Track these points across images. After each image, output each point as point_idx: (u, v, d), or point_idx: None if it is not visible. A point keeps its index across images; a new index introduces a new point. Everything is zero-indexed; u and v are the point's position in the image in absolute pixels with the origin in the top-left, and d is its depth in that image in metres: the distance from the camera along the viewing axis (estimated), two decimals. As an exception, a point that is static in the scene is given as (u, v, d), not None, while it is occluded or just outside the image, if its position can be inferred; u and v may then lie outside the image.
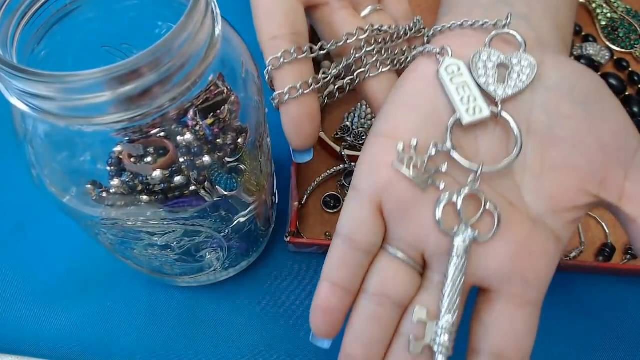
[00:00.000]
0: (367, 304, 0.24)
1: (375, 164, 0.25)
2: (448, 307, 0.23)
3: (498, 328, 0.23)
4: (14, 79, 0.18)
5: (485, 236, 0.23)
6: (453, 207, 0.24)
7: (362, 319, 0.24)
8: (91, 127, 0.19)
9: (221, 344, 0.33)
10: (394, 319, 0.24)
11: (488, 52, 0.25)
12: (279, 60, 0.26)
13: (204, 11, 0.20)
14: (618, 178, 0.24)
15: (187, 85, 0.20)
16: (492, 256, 0.24)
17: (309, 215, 0.37)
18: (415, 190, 0.24)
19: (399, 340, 0.24)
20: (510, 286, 0.23)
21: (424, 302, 0.24)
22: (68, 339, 0.33)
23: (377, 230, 0.25)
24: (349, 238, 0.24)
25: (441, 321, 0.23)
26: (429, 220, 0.24)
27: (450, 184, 0.24)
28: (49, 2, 0.21)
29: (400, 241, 0.24)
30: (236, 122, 0.24)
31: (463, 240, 0.23)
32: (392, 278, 0.24)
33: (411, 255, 0.24)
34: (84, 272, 0.35)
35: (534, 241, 0.24)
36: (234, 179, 0.25)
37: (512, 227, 0.24)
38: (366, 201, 0.24)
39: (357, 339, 0.24)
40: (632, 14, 0.46)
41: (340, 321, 0.24)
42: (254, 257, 0.35)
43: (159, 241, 0.26)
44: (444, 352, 0.23)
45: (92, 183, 0.23)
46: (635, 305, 0.34)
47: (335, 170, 0.38)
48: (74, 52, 0.24)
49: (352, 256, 0.24)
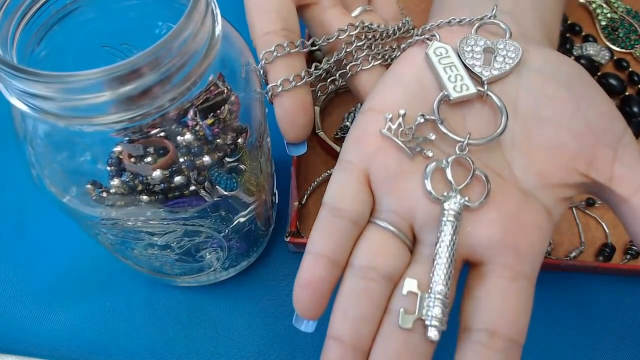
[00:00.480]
0: (355, 279, 0.22)
1: (363, 135, 0.25)
2: (440, 277, 0.22)
3: (490, 303, 0.22)
4: (14, 79, 0.18)
5: (475, 202, 0.23)
6: (442, 174, 0.23)
7: (350, 295, 0.22)
8: (91, 127, 0.19)
9: (221, 344, 0.33)
10: (384, 294, 0.22)
11: (475, 38, 0.26)
12: (272, 54, 0.27)
13: (204, 11, 0.20)
14: (607, 159, 0.24)
15: (187, 85, 0.20)
16: (483, 225, 0.23)
17: (309, 215, 0.37)
18: (403, 158, 0.24)
19: (389, 316, 0.22)
20: (502, 257, 0.22)
21: (414, 274, 0.22)
22: (68, 339, 0.33)
23: (365, 200, 0.24)
24: (335, 207, 0.23)
25: (433, 292, 0.22)
26: (418, 189, 0.23)
27: (439, 155, 0.24)
28: (49, 2, 0.21)
29: (389, 212, 0.23)
30: (236, 122, 0.24)
31: (453, 204, 0.22)
32: (381, 250, 0.23)
33: (400, 227, 0.23)
34: (84, 272, 0.35)
35: (526, 212, 0.23)
36: (234, 179, 0.25)
37: (503, 197, 0.23)
38: (353, 171, 0.24)
39: (345, 316, 0.22)
40: (632, 14, 0.46)
41: (326, 297, 0.22)
42: (254, 257, 0.35)
43: (159, 241, 0.26)
44: (437, 325, 0.21)
45: (92, 183, 0.23)
46: (635, 305, 0.34)
47: (335, 170, 0.38)
48: (74, 52, 0.24)
49: (337, 225, 0.23)
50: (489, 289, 0.22)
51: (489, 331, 0.22)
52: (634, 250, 0.35)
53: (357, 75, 0.29)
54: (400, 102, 0.25)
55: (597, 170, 0.24)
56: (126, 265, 0.32)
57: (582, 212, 0.37)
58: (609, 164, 0.24)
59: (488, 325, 0.22)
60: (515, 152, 0.25)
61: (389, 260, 0.23)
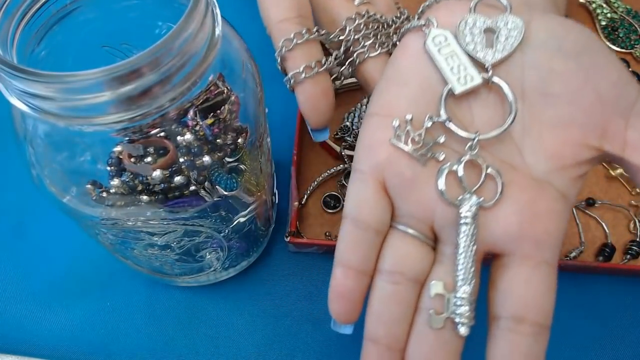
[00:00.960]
0: (384, 284, 0.24)
1: (373, 143, 0.25)
2: (464, 278, 0.23)
3: (515, 291, 0.23)
4: (14, 79, 0.18)
5: (490, 202, 0.23)
6: (455, 176, 0.24)
7: (381, 299, 0.24)
8: (91, 127, 0.19)
9: (221, 344, 0.33)
10: (413, 295, 0.24)
11: (473, 18, 0.25)
12: (292, 41, 0.26)
13: (204, 11, 0.20)
14: (619, 128, 0.24)
15: (187, 85, 0.20)
16: (499, 220, 0.23)
17: (309, 215, 0.37)
18: (415, 164, 0.24)
19: (420, 315, 0.24)
20: (522, 247, 0.23)
21: (439, 276, 0.24)
22: (68, 339, 0.33)
23: (384, 208, 0.25)
24: (356, 219, 0.24)
25: (459, 292, 0.23)
26: (433, 193, 0.24)
27: (450, 155, 0.24)
28: (49, 2, 0.21)
29: (409, 217, 0.24)
30: (236, 122, 0.24)
31: (469, 208, 0.23)
32: (406, 255, 0.24)
33: (421, 229, 0.24)
34: (84, 272, 0.35)
35: (541, 201, 0.24)
36: (234, 179, 0.25)
37: (517, 189, 0.24)
38: (369, 181, 0.25)
39: (379, 320, 0.23)
40: (632, 14, 0.46)
41: (359, 304, 0.24)
42: (254, 257, 0.35)
43: (159, 241, 0.26)
44: (466, 322, 0.23)
45: (92, 183, 0.23)
46: (635, 305, 0.34)
47: (335, 170, 0.38)
48: (74, 52, 0.24)
49: (361, 237, 0.24)
50: (512, 278, 0.23)
51: (516, 318, 0.23)
52: (634, 250, 0.35)
53: (365, 63, 0.29)
54: (406, 102, 0.25)
55: (610, 141, 0.24)
56: (126, 265, 0.32)
57: (582, 212, 0.37)
58: (622, 133, 0.24)
59: (515, 312, 0.23)
60: (525, 137, 0.24)
61: (414, 264, 0.24)
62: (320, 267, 0.36)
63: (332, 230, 0.36)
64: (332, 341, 0.33)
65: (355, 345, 0.33)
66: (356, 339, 0.33)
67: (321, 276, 0.35)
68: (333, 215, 0.37)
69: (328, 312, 0.24)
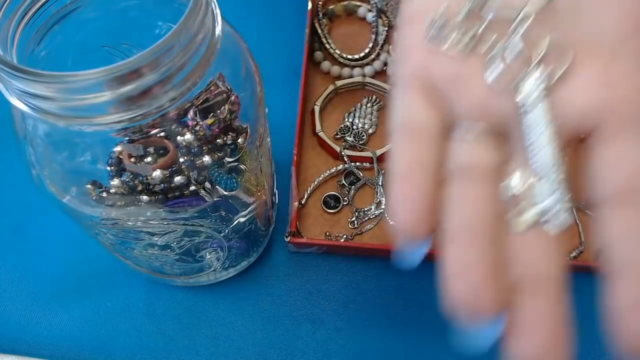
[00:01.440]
0: (459, 181, 0.20)
1: (408, 48, 0.22)
2: (547, 163, 0.19)
3: (617, 164, 0.19)
4: (14, 79, 0.18)
5: (556, 74, 0.19)
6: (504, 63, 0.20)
7: (460, 200, 0.19)
8: (91, 127, 0.19)
9: (221, 344, 0.33)
10: (493, 189, 0.20)
11: None
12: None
13: (204, 11, 0.20)
14: None
15: (187, 85, 0.20)
16: (574, 94, 0.20)
17: (309, 215, 0.37)
18: (456, 61, 0.21)
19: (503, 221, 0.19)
20: (610, 118, 0.19)
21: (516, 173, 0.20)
22: (68, 339, 0.33)
23: (432, 113, 0.21)
24: (405, 125, 0.21)
25: (549, 180, 0.19)
26: (485, 86, 0.20)
27: (493, 44, 0.20)
28: (49, 2, 0.21)
29: (465, 115, 0.21)
30: (236, 122, 0.24)
31: (534, 82, 0.19)
32: (474, 151, 0.20)
33: (483, 126, 0.21)
34: (83, 272, 0.35)
35: (619, 72, 0.20)
36: (234, 179, 0.25)
37: (587, 61, 0.20)
38: (411, 87, 0.22)
39: (461, 226, 0.19)
40: None
41: (431, 207, 0.19)
42: (254, 257, 0.35)
43: (159, 241, 0.26)
44: (562, 217, 0.19)
45: (92, 183, 0.23)
46: (635, 305, 0.34)
47: (335, 170, 0.38)
48: (74, 52, 0.24)
49: (418, 136, 0.21)
50: (609, 152, 0.19)
51: (627, 189, 0.18)
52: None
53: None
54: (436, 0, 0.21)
55: None
56: (126, 265, 0.32)
57: (582, 212, 0.37)
58: None
59: (622, 185, 0.19)
60: (583, 6, 0.20)
61: (487, 157, 0.20)
62: (320, 267, 0.36)
63: (332, 230, 0.36)
64: (332, 341, 0.33)
65: (355, 345, 0.33)
66: (356, 339, 0.33)
67: (321, 276, 0.35)
68: (333, 215, 0.37)
69: (328, 312, 0.23)
